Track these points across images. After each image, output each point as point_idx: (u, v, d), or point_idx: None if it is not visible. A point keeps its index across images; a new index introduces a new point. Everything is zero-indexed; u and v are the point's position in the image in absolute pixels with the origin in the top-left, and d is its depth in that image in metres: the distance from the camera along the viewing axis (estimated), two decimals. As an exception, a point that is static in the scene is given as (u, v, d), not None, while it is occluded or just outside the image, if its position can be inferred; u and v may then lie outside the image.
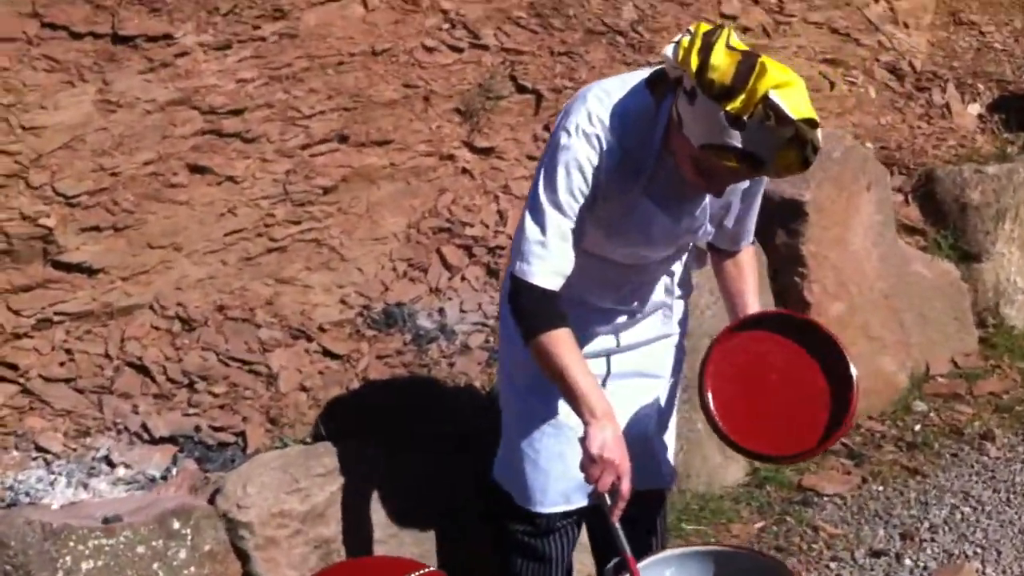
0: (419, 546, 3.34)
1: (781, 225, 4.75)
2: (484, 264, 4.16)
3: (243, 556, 3.04)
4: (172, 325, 3.58)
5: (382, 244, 4.12)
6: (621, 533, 2.57)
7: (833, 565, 4.10)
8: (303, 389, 3.63)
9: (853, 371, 2.79)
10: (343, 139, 4.14)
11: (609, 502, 2.53)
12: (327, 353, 3.73)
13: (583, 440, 2.49)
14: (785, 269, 4.78)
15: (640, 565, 2.70)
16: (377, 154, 4.22)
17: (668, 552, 2.89)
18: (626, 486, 2.52)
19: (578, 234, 2.64)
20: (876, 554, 4.14)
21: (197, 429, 3.38)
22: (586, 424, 2.50)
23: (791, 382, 2.83)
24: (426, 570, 2.78)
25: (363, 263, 4.04)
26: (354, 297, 3.94)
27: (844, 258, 4.86)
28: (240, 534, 3.03)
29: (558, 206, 2.60)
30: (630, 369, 3.05)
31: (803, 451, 2.79)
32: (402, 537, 3.28)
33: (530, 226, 2.58)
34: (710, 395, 2.84)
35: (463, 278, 4.11)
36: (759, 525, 4.29)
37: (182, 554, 2.84)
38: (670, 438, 3.20)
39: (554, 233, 2.60)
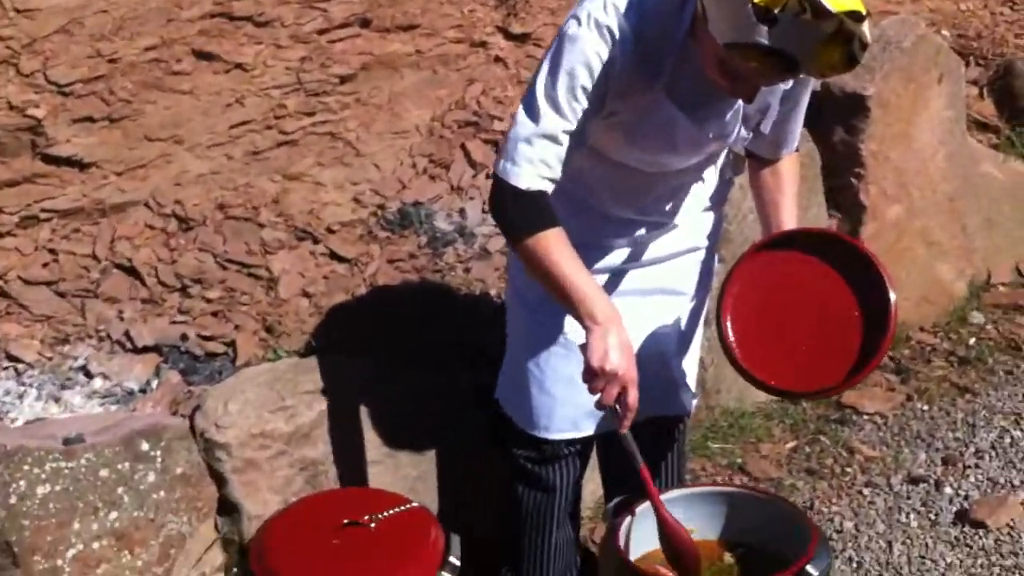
0: (416, 467, 3.12)
1: (839, 121, 4.35)
2: (510, 161, 3.84)
3: (219, 479, 2.85)
4: (168, 224, 3.35)
5: (402, 138, 3.82)
6: (632, 443, 2.29)
7: (867, 491, 3.82)
8: (305, 295, 3.39)
9: (891, 298, 2.44)
10: (365, 23, 3.81)
11: (616, 414, 2.26)
12: (334, 256, 3.48)
13: (584, 348, 2.23)
14: (840, 169, 4.38)
15: (641, 509, 2.46)
16: (402, 40, 3.89)
17: (676, 492, 2.64)
18: (633, 396, 2.23)
19: (577, 138, 2.34)
20: (914, 480, 3.84)
21: (184, 338, 3.17)
22: (587, 331, 2.22)
23: (821, 309, 2.52)
24: (408, 506, 2.57)
25: (380, 159, 3.75)
26: (368, 195, 3.67)
27: (907, 157, 4.44)
28: (217, 455, 2.83)
29: (556, 105, 2.30)
30: (651, 285, 2.75)
31: (826, 387, 2.48)
32: (399, 459, 3.06)
33: (522, 122, 2.31)
34: (728, 322, 2.55)
35: (488, 176, 3.80)
36: (790, 445, 4.01)
37: (150, 477, 2.65)
38: (692, 362, 2.91)
39: (546, 134, 2.29)
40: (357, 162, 3.70)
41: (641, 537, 2.54)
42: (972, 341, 4.47)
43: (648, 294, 2.76)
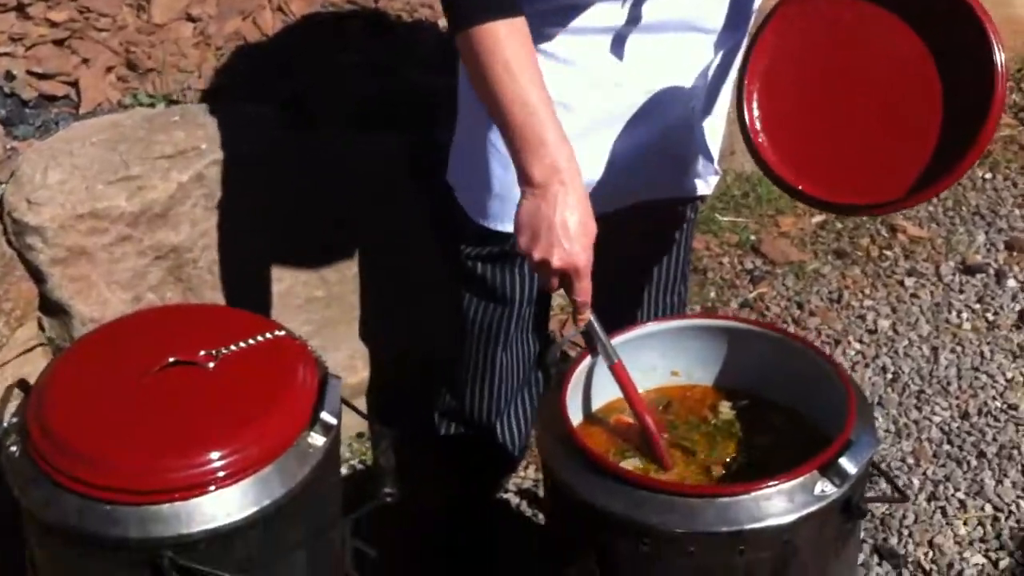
0: (327, 263, 2.28)
1: None
2: None
3: (37, 275, 1.99)
4: (-2, -82, 2.36)
5: None
6: (599, 332, 1.68)
7: (909, 282, 2.94)
8: (190, 19, 2.44)
9: (998, 61, 1.51)
10: None
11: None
12: (232, -33, 2.49)
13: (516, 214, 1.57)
14: None
15: (616, 341, 1.71)
16: None
17: (658, 325, 1.78)
18: (582, 288, 1.60)
19: None
20: (970, 269, 2.96)
21: (9, 76, 2.24)
22: (521, 187, 1.56)
23: (886, 84, 1.61)
24: (271, 334, 1.71)
25: None
26: None
27: None
28: (28, 242, 1.97)
29: None
30: (671, 17, 1.79)
31: (888, 200, 1.60)
32: (303, 252, 2.21)
33: None
34: (755, 107, 1.69)
35: None
36: (818, 219, 3.12)
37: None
38: (717, 125, 2.01)
39: None
40: None
41: (608, 381, 1.70)
42: (1049, 93, 3.48)
43: (667, 30, 1.80)
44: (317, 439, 1.63)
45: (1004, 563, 2.19)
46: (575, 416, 1.74)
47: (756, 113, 1.67)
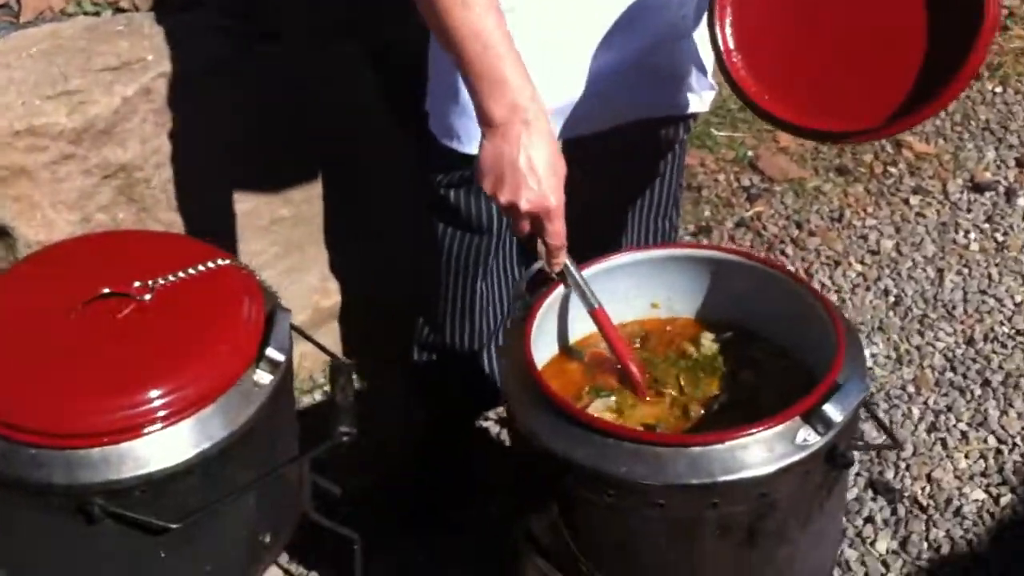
0: (289, 182, 2.13)
1: None
2: None
3: (-27, 195, 1.86)
4: None
5: None
6: (577, 276, 1.55)
7: (915, 200, 2.79)
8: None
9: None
10: None
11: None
12: None
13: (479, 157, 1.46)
14: None
15: (591, 271, 1.59)
16: None
17: (631, 255, 1.66)
18: (555, 231, 1.46)
19: None
20: (978, 187, 2.81)
21: (-56, -20, 2.08)
22: (481, 128, 1.44)
23: (871, 2, 1.48)
24: (216, 263, 1.58)
25: None
26: None
27: None
28: (-36, 163, 1.83)
29: None
30: None
31: (866, 128, 1.47)
32: (267, 169, 2.10)
33: None
34: (728, 16, 1.55)
35: None
36: (820, 134, 2.93)
37: None
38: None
39: None
40: None
41: (582, 314, 1.57)
42: (1068, -2, 3.28)
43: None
44: (263, 376, 1.50)
45: (1006, 499, 2.07)
46: (548, 350, 1.62)
47: (729, 31, 1.52)
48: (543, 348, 1.58)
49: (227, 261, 1.59)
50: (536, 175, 1.41)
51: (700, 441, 1.31)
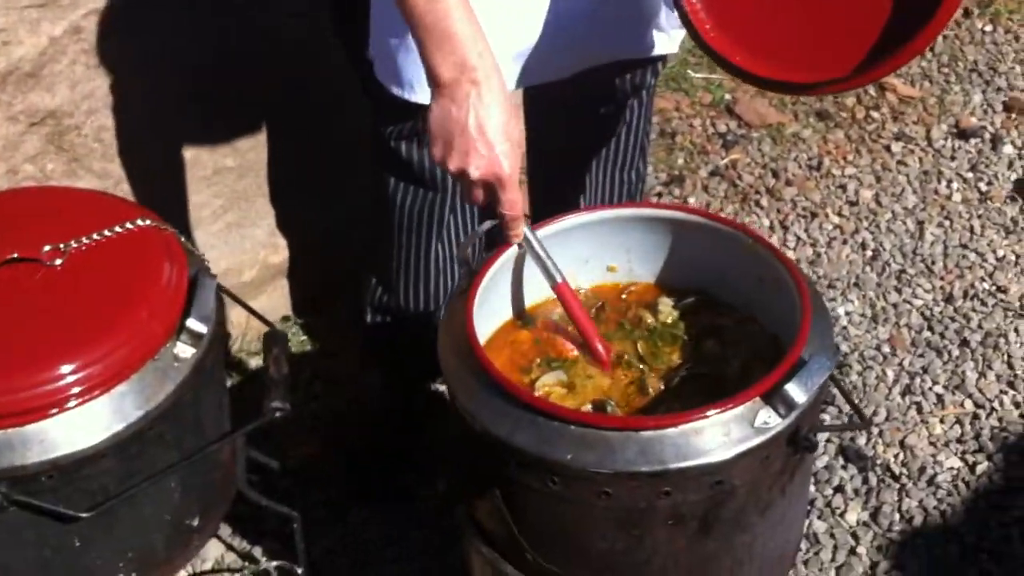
0: (236, 129, 2.00)
1: None
2: None
3: None
4: None
5: None
6: (537, 247, 1.43)
7: (897, 147, 2.67)
8: None
9: None
10: None
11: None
12: None
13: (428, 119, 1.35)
14: None
15: (545, 232, 1.46)
16: None
17: (586, 216, 1.55)
18: (509, 201, 1.35)
19: None
20: (963, 133, 2.69)
21: None
22: (430, 87, 1.33)
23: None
24: (136, 223, 1.47)
25: None
26: None
27: None
28: None
29: None
30: None
31: (829, 79, 1.36)
32: (209, 115, 1.97)
33: None
34: None
35: None
36: (799, 78, 2.79)
37: None
38: None
39: None
40: None
41: (539, 276, 1.46)
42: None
43: None
44: (184, 350, 1.39)
45: (982, 467, 1.98)
46: (499, 315, 1.50)
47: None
48: (492, 314, 1.47)
49: (148, 221, 1.47)
50: (486, 140, 1.29)
51: (651, 425, 1.21)
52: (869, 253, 2.42)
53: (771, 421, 1.21)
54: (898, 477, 1.96)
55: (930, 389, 2.12)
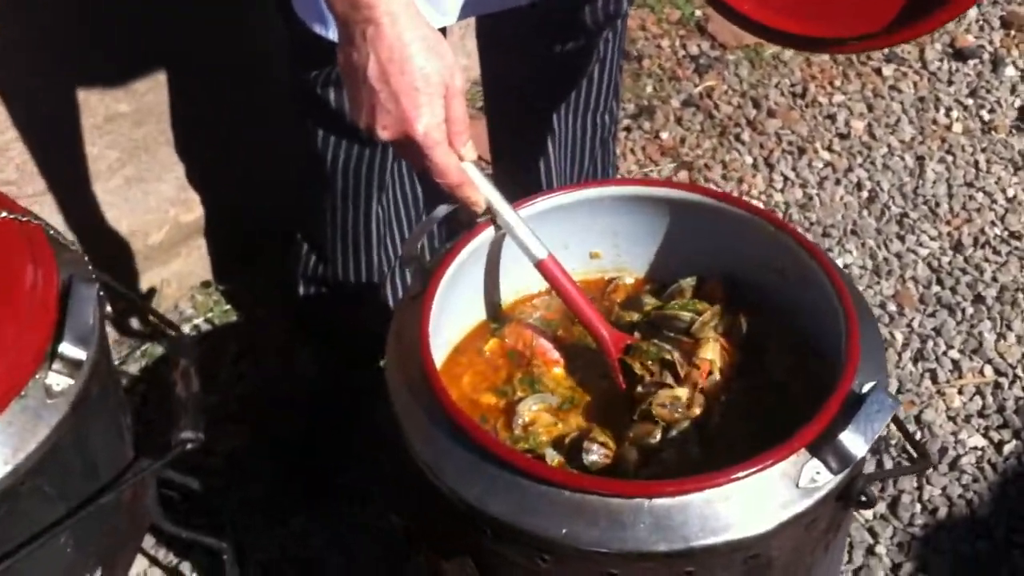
0: (129, 73, 1.65)
1: None
2: None
3: None
4: None
5: None
6: (505, 215, 1.12)
7: (887, 71, 2.38)
8: None
9: None
10: None
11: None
12: None
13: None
14: None
15: (525, 211, 1.17)
16: None
17: (566, 196, 1.24)
18: (438, 167, 1.07)
19: None
20: (960, 54, 2.41)
21: None
22: (339, 29, 1.04)
23: None
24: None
25: None
26: None
27: None
28: None
29: None
30: None
31: (863, 34, 1.08)
32: (98, 52, 1.64)
33: None
34: None
35: None
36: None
37: None
38: None
39: None
40: None
41: (515, 267, 1.16)
42: None
43: None
44: (60, 381, 1.08)
45: (1009, 446, 1.73)
46: (468, 318, 1.20)
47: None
48: (459, 316, 1.18)
49: (3, 213, 1.14)
50: (390, 91, 1.00)
51: (669, 491, 0.92)
52: (865, 194, 2.14)
53: (820, 478, 0.93)
54: (915, 461, 1.70)
55: (944, 354, 1.86)
